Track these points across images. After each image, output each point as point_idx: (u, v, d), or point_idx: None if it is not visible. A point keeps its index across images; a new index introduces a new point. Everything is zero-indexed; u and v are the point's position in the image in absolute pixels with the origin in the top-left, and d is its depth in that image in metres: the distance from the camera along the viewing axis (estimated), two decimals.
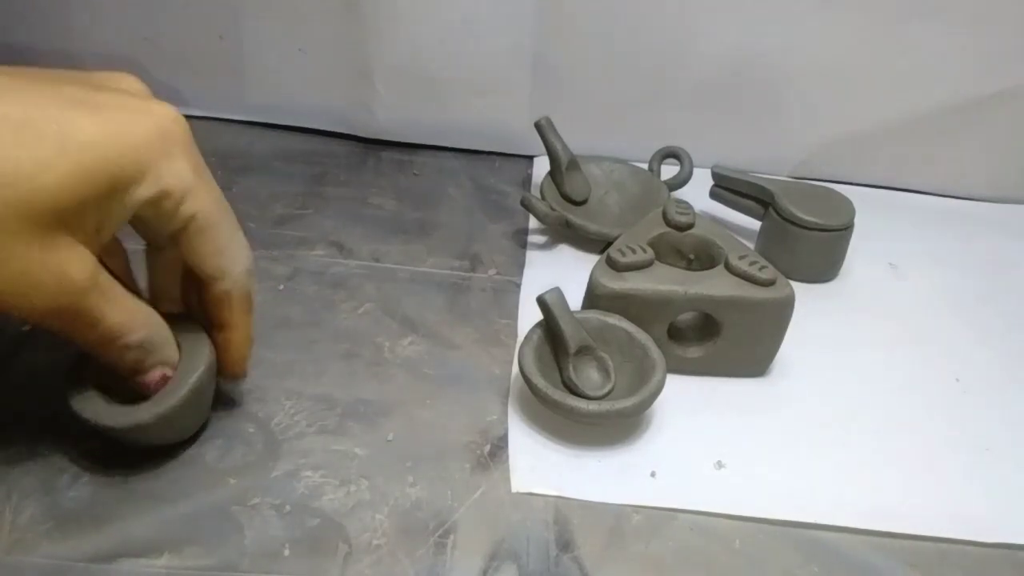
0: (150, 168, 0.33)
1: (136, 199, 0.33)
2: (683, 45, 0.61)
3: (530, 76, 0.62)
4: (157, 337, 0.37)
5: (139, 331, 0.35)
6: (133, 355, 0.36)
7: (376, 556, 0.36)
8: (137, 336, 0.35)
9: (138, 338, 0.35)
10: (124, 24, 0.62)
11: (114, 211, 0.33)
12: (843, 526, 0.40)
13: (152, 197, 0.34)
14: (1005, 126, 0.63)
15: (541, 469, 0.41)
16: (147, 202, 0.34)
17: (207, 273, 0.37)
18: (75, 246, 0.32)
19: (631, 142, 0.63)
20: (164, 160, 0.34)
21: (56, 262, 0.32)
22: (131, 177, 0.33)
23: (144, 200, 0.34)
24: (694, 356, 0.47)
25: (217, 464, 0.39)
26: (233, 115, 0.66)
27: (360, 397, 0.44)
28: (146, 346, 0.36)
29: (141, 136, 0.33)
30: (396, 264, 0.54)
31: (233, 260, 0.38)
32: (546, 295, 0.43)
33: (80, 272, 0.32)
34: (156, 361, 0.37)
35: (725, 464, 0.42)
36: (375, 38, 0.61)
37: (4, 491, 0.37)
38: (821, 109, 0.63)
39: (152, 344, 0.36)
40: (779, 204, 0.54)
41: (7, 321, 0.44)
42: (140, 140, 0.33)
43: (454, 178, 0.63)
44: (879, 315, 0.54)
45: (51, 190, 0.31)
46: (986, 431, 0.46)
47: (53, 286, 0.32)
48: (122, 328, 0.35)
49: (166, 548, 0.35)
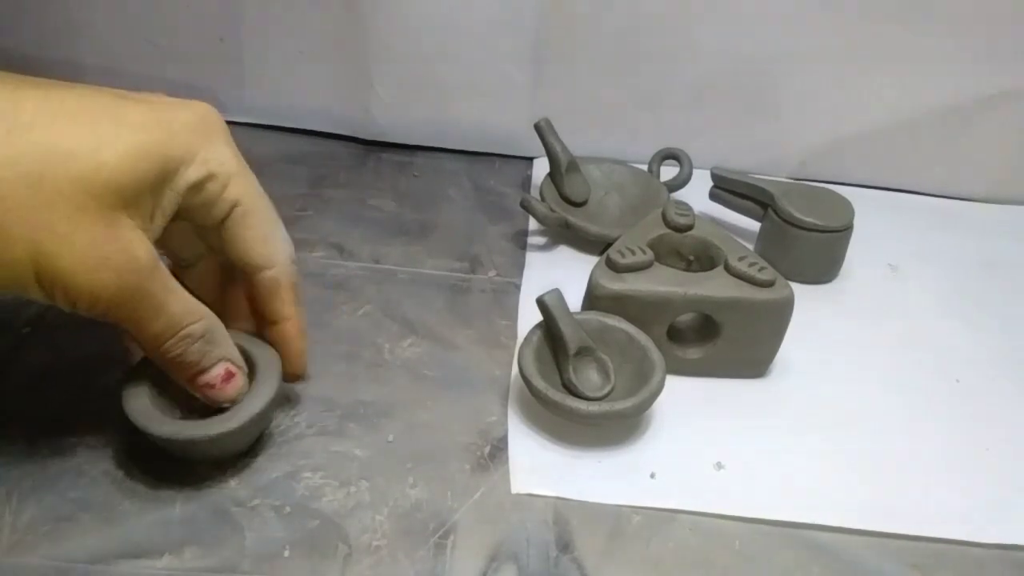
0: (197, 151, 0.35)
1: (185, 182, 0.35)
2: (683, 46, 0.61)
3: (530, 77, 0.62)
4: (217, 329, 0.37)
5: (202, 319, 0.36)
6: (198, 347, 0.36)
7: (376, 557, 0.36)
8: (201, 325, 0.36)
9: (202, 327, 0.36)
10: (124, 24, 0.62)
11: (166, 195, 0.34)
12: (843, 526, 0.40)
13: (199, 180, 0.35)
14: (1005, 126, 0.63)
15: (541, 470, 0.41)
16: (194, 185, 0.35)
17: (254, 262, 0.38)
18: (135, 228, 0.33)
19: (631, 143, 0.63)
20: (208, 145, 0.35)
21: (121, 239, 0.32)
22: (180, 158, 0.34)
23: (192, 182, 0.35)
24: (694, 357, 0.47)
25: (217, 466, 0.39)
26: (233, 117, 0.65)
27: (360, 398, 0.44)
28: (208, 337, 0.36)
29: (186, 122, 0.35)
30: (396, 266, 0.54)
31: (277, 247, 0.39)
32: (546, 296, 0.43)
33: (144, 252, 0.33)
34: (220, 355, 0.37)
35: (725, 465, 0.42)
36: (375, 39, 0.61)
37: (4, 492, 0.37)
38: (821, 109, 0.63)
39: (214, 336, 0.36)
40: (779, 205, 0.54)
41: (7, 321, 0.45)
42: (185, 125, 0.35)
43: (454, 180, 0.63)
44: (879, 315, 0.54)
45: (111, 166, 0.32)
46: (986, 431, 0.46)
47: (119, 263, 0.32)
48: (184, 316, 0.35)
49: (166, 549, 0.35)
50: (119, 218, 0.32)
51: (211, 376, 0.37)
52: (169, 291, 0.35)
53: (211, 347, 0.36)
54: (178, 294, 0.35)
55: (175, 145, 0.34)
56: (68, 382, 0.42)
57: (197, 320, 0.36)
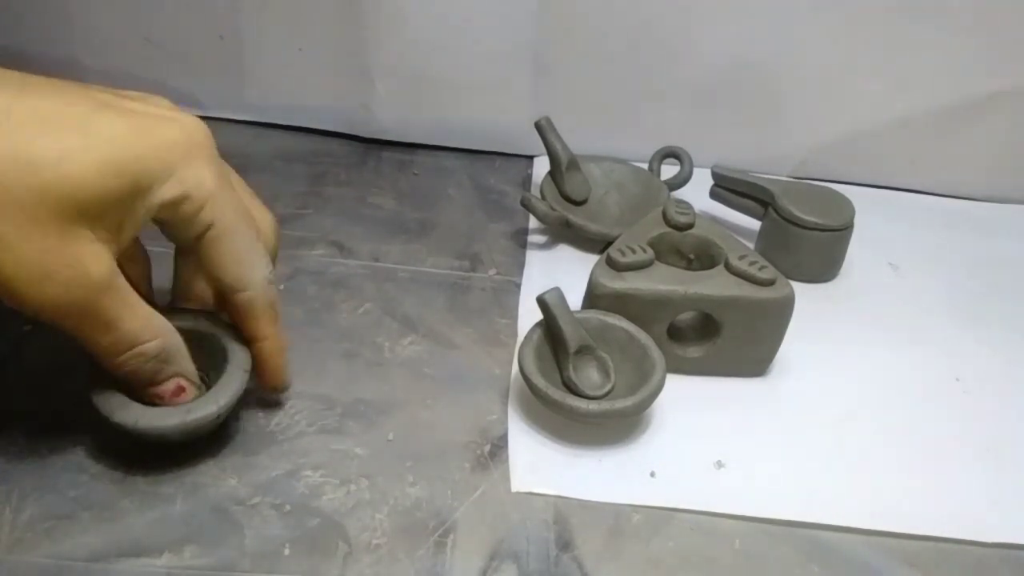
0: (174, 170, 0.34)
1: (157, 199, 0.34)
2: (683, 45, 0.61)
3: (530, 76, 0.62)
4: (173, 348, 0.37)
5: (155, 339, 0.35)
6: (151, 366, 0.36)
7: (376, 556, 0.36)
8: (154, 345, 0.35)
9: (156, 346, 0.35)
10: (124, 24, 0.62)
11: (136, 210, 0.34)
12: (843, 526, 0.40)
13: (173, 199, 0.34)
14: (1005, 126, 0.63)
15: (541, 469, 0.41)
16: (167, 204, 0.34)
17: (227, 283, 0.38)
18: (94, 242, 0.32)
19: (631, 142, 0.63)
20: (187, 164, 0.34)
21: (73, 254, 0.32)
22: (154, 176, 0.33)
23: (165, 201, 0.34)
24: (694, 356, 0.47)
25: (217, 464, 0.39)
26: (233, 115, 0.66)
27: (360, 397, 0.44)
28: (163, 356, 0.36)
29: (167, 139, 0.34)
30: (396, 264, 0.54)
31: (252, 268, 0.38)
32: (546, 295, 0.43)
33: (97, 269, 0.33)
34: (172, 372, 0.37)
35: (725, 464, 0.42)
36: (375, 38, 0.61)
37: (4, 491, 0.37)
38: (821, 109, 0.63)
39: (169, 355, 0.36)
40: (779, 204, 0.54)
41: (7, 321, 0.45)
42: (165, 142, 0.34)
43: (454, 178, 0.63)
44: (879, 315, 0.54)
45: (74, 180, 0.31)
46: (986, 431, 0.46)
47: (67, 277, 0.32)
48: (138, 335, 0.35)
49: (166, 548, 0.35)
50: (77, 231, 0.32)
51: (161, 389, 0.37)
52: (125, 306, 0.34)
53: (165, 365, 0.36)
54: (136, 310, 0.35)
55: (150, 163, 0.33)
56: (68, 381, 0.42)
57: (152, 339, 0.35)
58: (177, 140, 0.34)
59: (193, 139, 0.35)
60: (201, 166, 0.35)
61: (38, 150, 0.31)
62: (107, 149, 0.32)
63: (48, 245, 0.31)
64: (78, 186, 0.31)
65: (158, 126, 0.34)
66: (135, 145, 0.33)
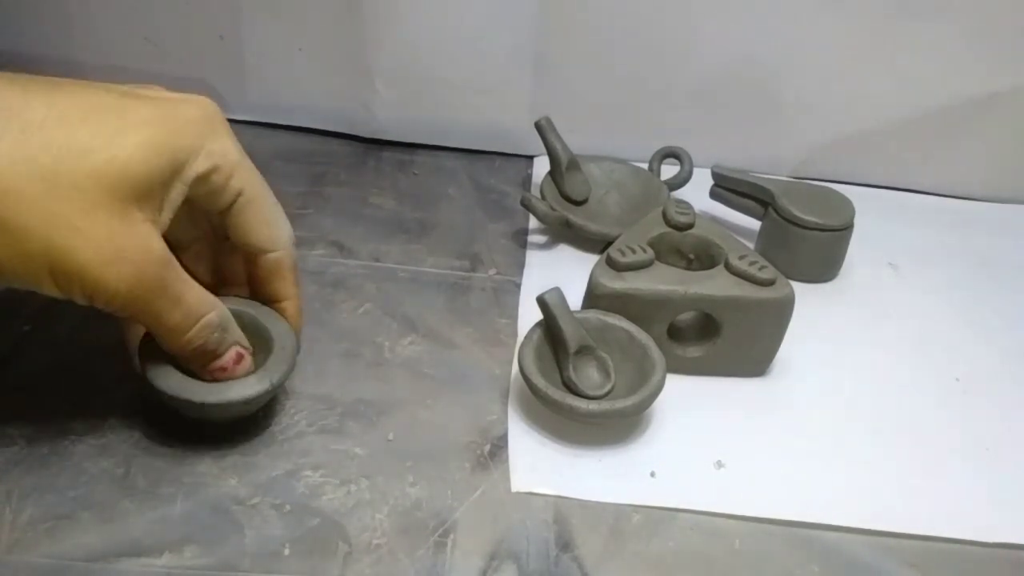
0: (203, 144, 0.36)
1: (193, 173, 0.36)
2: (683, 45, 0.61)
3: (530, 76, 0.62)
4: (227, 317, 0.38)
5: (215, 308, 0.37)
6: (217, 336, 0.37)
7: (376, 556, 0.36)
8: (216, 314, 0.37)
9: (217, 315, 0.37)
10: (124, 24, 0.62)
11: (175, 188, 0.35)
12: (843, 526, 0.40)
13: (206, 171, 0.36)
14: (1005, 126, 0.63)
15: (541, 469, 0.41)
16: (201, 177, 0.36)
17: (258, 245, 0.39)
18: (147, 222, 0.34)
19: (631, 142, 0.63)
20: (213, 137, 0.36)
21: (137, 233, 0.34)
22: (188, 151, 0.35)
23: (199, 174, 0.36)
24: (694, 356, 0.47)
25: (217, 464, 0.39)
26: (233, 115, 0.64)
27: (360, 397, 0.44)
28: (223, 324, 0.37)
29: (191, 117, 0.36)
30: (396, 264, 0.54)
31: (280, 228, 0.40)
32: (546, 295, 0.43)
33: (159, 244, 0.35)
34: (232, 341, 0.38)
35: (725, 464, 0.42)
36: (375, 38, 0.61)
37: (4, 491, 0.37)
38: (821, 109, 0.63)
39: (226, 323, 0.38)
40: (779, 204, 0.54)
41: (7, 321, 0.45)
42: (190, 120, 0.36)
43: (454, 178, 0.63)
44: (879, 315, 0.54)
45: (123, 160, 0.33)
46: (986, 431, 0.46)
47: (138, 255, 0.33)
48: (201, 306, 0.36)
49: (166, 548, 0.35)
50: (132, 212, 0.33)
51: (224, 360, 0.38)
52: (184, 282, 0.36)
53: (226, 334, 0.38)
54: (191, 284, 0.36)
55: (183, 139, 0.35)
56: (68, 381, 0.42)
57: (213, 308, 0.37)
58: (199, 117, 0.36)
59: (211, 115, 0.37)
60: (224, 138, 0.37)
61: (86, 137, 0.33)
62: (146, 131, 0.34)
63: (113, 226, 0.33)
64: (127, 167, 0.33)
65: (180, 106, 0.36)
66: (167, 125, 0.35)
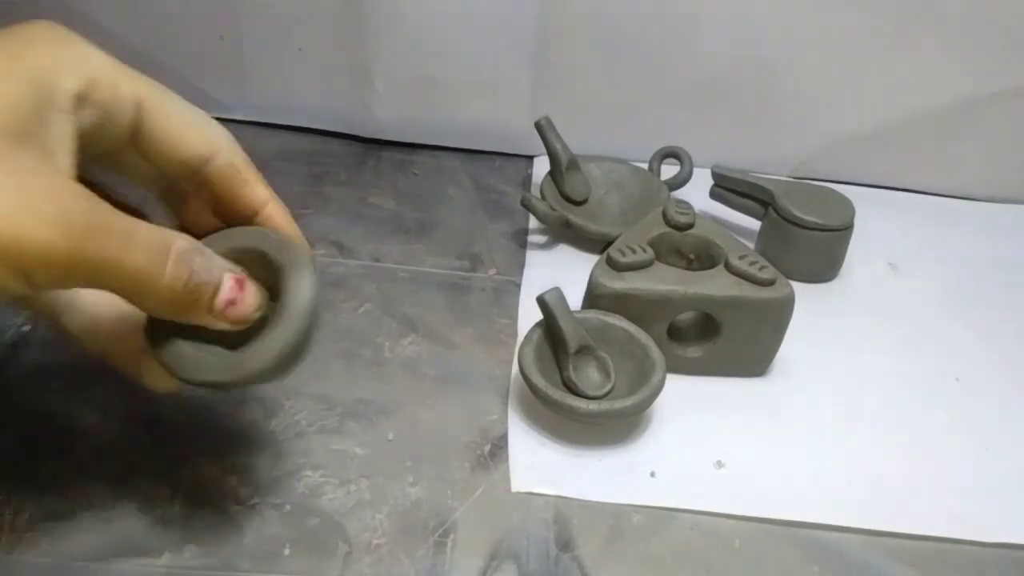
0: (61, 59, 0.30)
1: (65, 95, 0.29)
2: (683, 45, 0.61)
3: (530, 76, 0.62)
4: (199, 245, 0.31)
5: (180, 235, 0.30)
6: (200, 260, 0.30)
7: (376, 556, 0.36)
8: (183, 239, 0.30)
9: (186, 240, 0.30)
10: (124, 24, 0.62)
11: (53, 121, 0.29)
12: (843, 526, 0.40)
13: (82, 90, 0.29)
14: (1005, 126, 0.63)
15: (541, 469, 0.41)
16: (79, 97, 0.29)
17: (194, 152, 0.33)
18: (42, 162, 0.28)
19: (631, 142, 0.63)
20: (70, 48, 0.30)
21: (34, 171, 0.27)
22: (45, 69, 0.29)
23: (76, 94, 0.29)
24: (694, 356, 0.47)
25: (217, 463, 0.39)
26: (233, 115, 0.66)
27: (360, 397, 0.44)
28: (198, 247, 0.31)
29: (33, 37, 0.30)
30: (396, 264, 0.54)
31: (209, 126, 0.33)
32: (546, 295, 0.43)
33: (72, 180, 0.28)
34: (220, 266, 0.31)
35: (725, 464, 0.42)
36: (375, 38, 0.61)
37: (4, 491, 0.37)
38: (821, 109, 0.63)
39: (203, 249, 0.31)
40: (779, 204, 0.54)
41: (7, 321, 0.45)
42: (35, 40, 0.30)
43: (454, 178, 0.63)
44: (879, 315, 0.54)
45: None
46: (986, 431, 0.46)
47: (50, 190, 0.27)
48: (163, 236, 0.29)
49: (166, 547, 0.35)
50: (14, 154, 0.27)
51: (227, 292, 0.31)
52: (124, 217, 0.29)
53: (209, 258, 0.31)
54: (135, 219, 0.29)
55: (33, 59, 0.29)
56: (68, 380, 0.42)
57: (176, 236, 0.30)
58: (45, 36, 0.30)
59: (58, 31, 0.31)
60: (83, 47, 0.31)
61: None
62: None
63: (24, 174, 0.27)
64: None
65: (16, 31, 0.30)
66: (7, 48, 0.29)
